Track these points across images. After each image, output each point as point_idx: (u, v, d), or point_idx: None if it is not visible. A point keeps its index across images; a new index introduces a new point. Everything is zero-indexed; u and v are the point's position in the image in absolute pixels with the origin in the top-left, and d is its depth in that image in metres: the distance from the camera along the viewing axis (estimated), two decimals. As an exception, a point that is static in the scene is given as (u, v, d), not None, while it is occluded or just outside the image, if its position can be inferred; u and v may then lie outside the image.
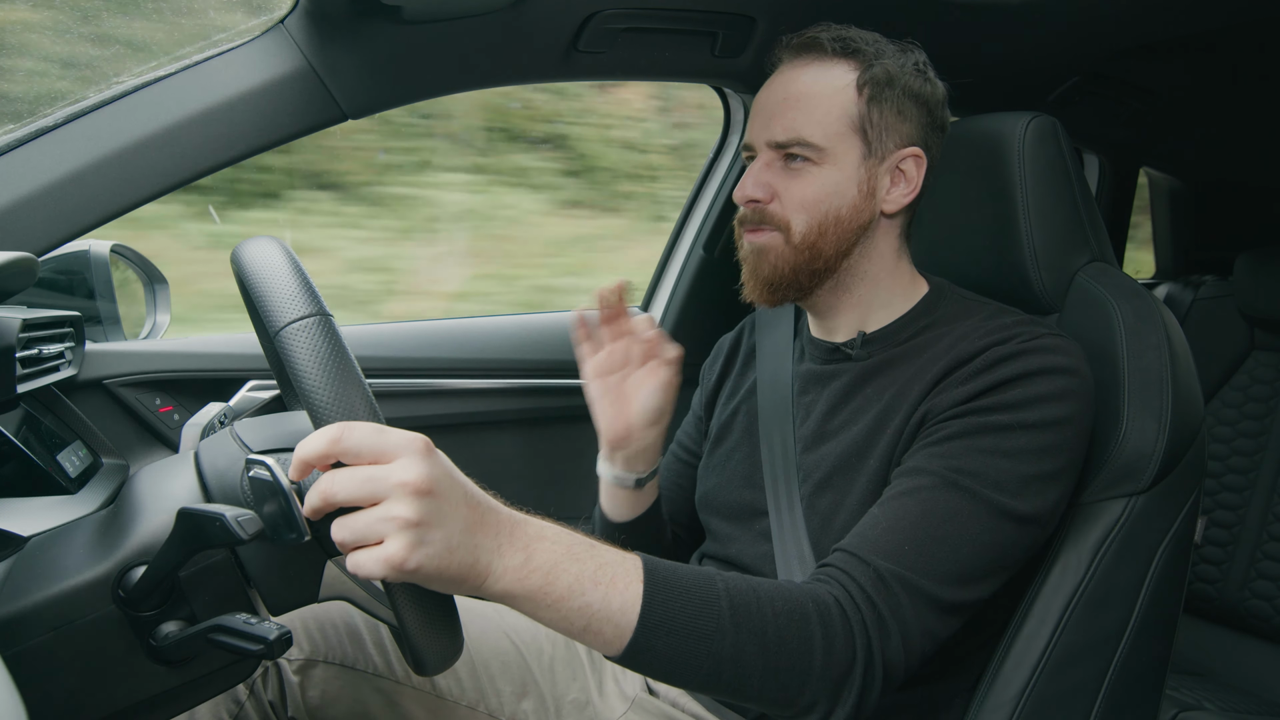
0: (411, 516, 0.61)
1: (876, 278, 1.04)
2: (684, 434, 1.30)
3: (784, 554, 1.01)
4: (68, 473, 1.15)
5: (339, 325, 0.67)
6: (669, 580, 0.75)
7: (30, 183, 0.97)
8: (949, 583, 0.83)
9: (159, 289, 1.54)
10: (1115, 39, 1.35)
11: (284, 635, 0.67)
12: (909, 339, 1.02)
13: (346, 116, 1.12)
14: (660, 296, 1.83)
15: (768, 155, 1.01)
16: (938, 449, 0.88)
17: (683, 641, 0.73)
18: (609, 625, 0.72)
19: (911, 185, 1.01)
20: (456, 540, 0.64)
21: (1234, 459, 1.90)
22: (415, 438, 0.63)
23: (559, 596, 0.69)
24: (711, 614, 0.74)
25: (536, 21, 1.14)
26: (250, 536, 0.62)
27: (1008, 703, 0.94)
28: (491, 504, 0.69)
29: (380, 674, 1.03)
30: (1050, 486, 0.88)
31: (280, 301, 0.65)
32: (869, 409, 0.99)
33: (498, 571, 0.67)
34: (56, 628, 0.69)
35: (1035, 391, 0.88)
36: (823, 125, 0.97)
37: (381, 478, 0.61)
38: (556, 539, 0.71)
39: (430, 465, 0.62)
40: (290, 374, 0.64)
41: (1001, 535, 0.86)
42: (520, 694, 1.07)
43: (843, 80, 0.98)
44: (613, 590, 0.71)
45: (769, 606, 0.77)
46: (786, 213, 0.99)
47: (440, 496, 0.63)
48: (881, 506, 0.88)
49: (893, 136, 0.99)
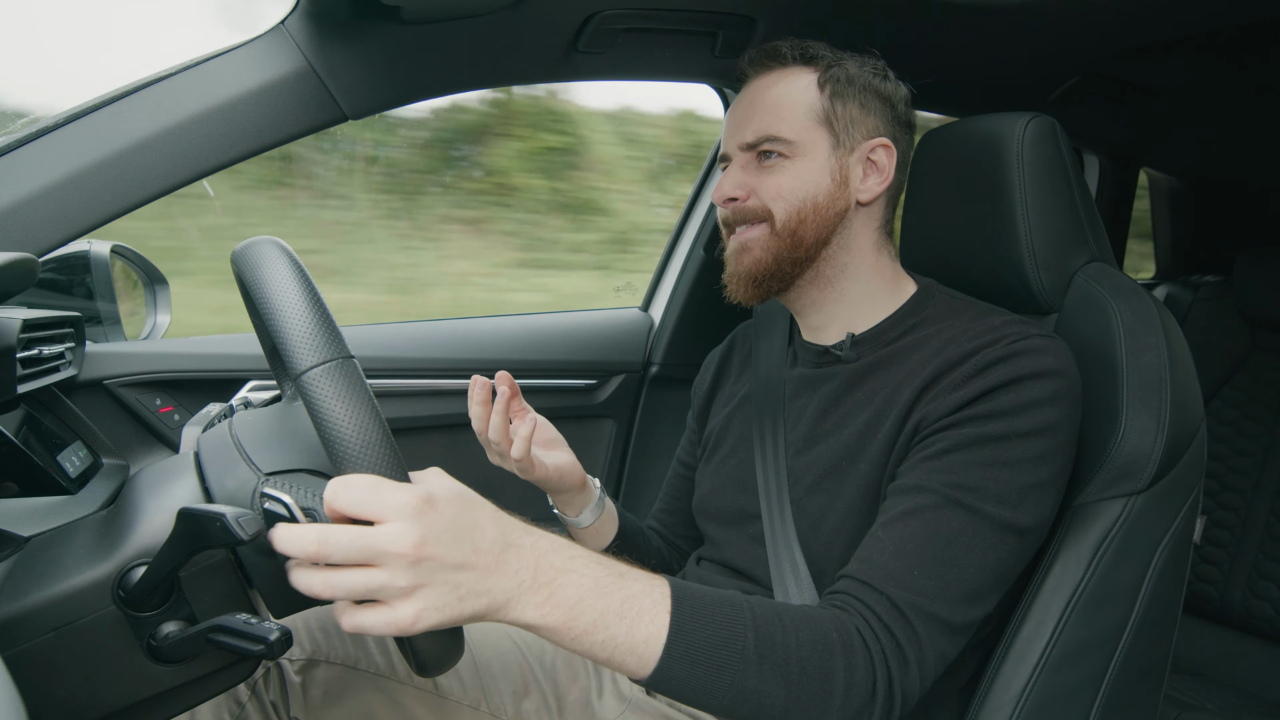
0: (407, 585, 0.62)
1: (858, 271, 1.05)
2: (682, 450, 1.32)
3: (776, 558, 1.01)
4: (68, 473, 1.15)
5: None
6: (696, 610, 0.75)
7: (30, 183, 0.97)
8: (959, 604, 0.84)
9: (159, 289, 1.54)
10: (1115, 39, 1.35)
11: (284, 635, 0.67)
12: (897, 339, 1.02)
13: (346, 117, 1.12)
14: (660, 296, 1.83)
15: (742, 157, 1.04)
16: (936, 464, 0.88)
17: (706, 671, 0.74)
18: (633, 657, 0.72)
19: (884, 175, 1.03)
20: (465, 591, 0.64)
21: (1235, 459, 1.90)
22: (409, 498, 0.63)
23: (583, 630, 0.70)
24: (736, 645, 0.75)
25: (536, 21, 1.14)
26: (250, 537, 0.63)
27: (1008, 703, 0.94)
28: (512, 539, 0.69)
29: (382, 674, 1.03)
30: (1046, 493, 0.90)
31: (302, 342, 0.64)
32: (859, 413, 1.00)
33: (519, 608, 0.68)
34: (57, 628, 0.69)
35: (1028, 397, 0.88)
36: (790, 121, 1.01)
37: (372, 544, 0.61)
38: (584, 571, 0.71)
39: (424, 527, 0.62)
40: (313, 419, 0.63)
41: (1005, 550, 0.87)
42: (522, 694, 1.07)
43: (804, 80, 1.02)
44: (638, 623, 0.72)
45: (793, 637, 0.77)
46: (766, 202, 1.02)
47: (439, 558, 0.63)
48: (886, 528, 0.88)
49: (859, 128, 1.02)
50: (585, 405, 1.75)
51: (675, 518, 1.29)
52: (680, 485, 1.30)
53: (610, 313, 1.83)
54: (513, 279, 3.43)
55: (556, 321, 1.75)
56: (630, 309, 1.86)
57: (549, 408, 1.70)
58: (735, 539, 1.09)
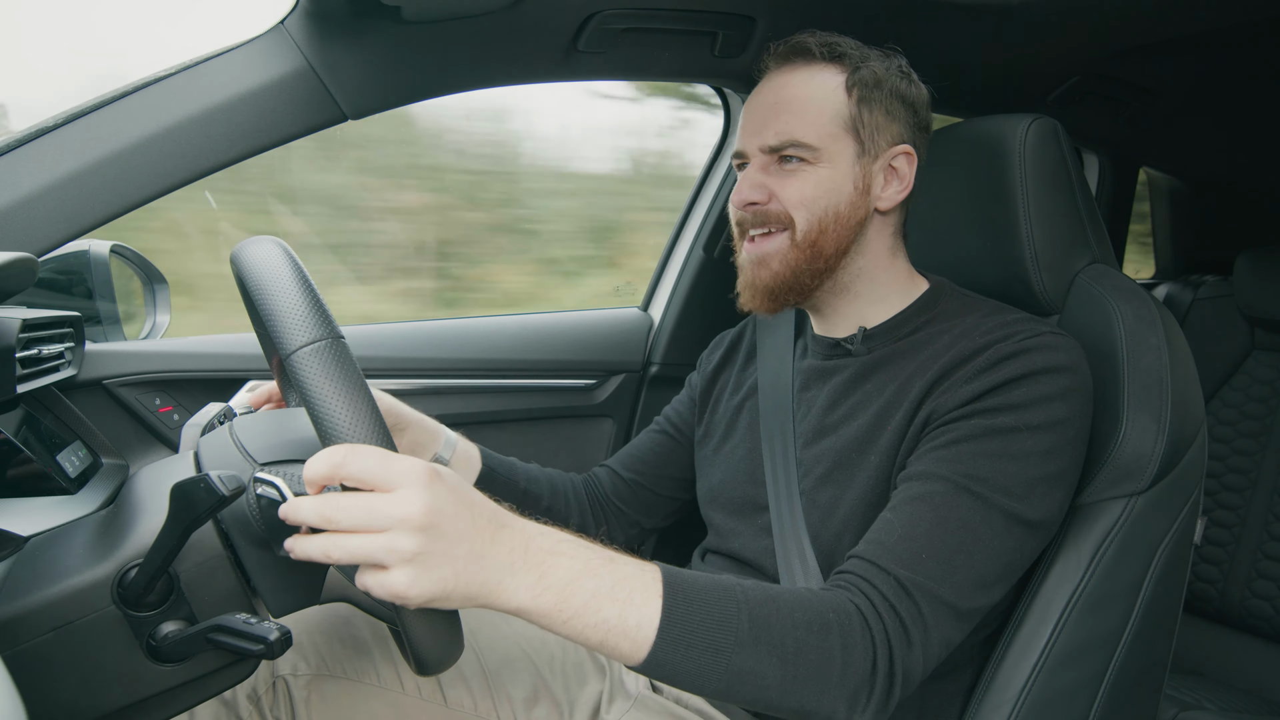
0: (412, 550, 0.62)
1: (873, 274, 1.04)
2: (671, 409, 1.31)
3: (784, 549, 1.01)
4: (68, 473, 1.15)
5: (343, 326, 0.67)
6: (688, 594, 0.75)
7: (30, 183, 0.97)
8: (965, 590, 0.84)
9: (159, 289, 1.54)
10: (1115, 39, 1.35)
11: (284, 635, 0.67)
12: (909, 334, 1.02)
13: (346, 117, 1.12)
14: (660, 296, 1.83)
15: (762, 160, 1.02)
16: (946, 453, 0.88)
17: (701, 655, 0.74)
18: (625, 640, 0.72)
19: (904, 183, 1.02)
20: (462, 565, 0.65)
21: (1235, 459, 1.90)
22: (419, 467, 0.64)
23: (574, 612, 0.70)
24: (730, 628, 0.75)
25: (536, 21, 1.14)
26: (231, 493, 0.63)
27: (1007, 701, 0.94)
28: (504, 520, 0.69)
29: (388, 688, 1.02)
30: (1055, 487, 0.89)
31: (292, 322, 0.64)
32: (870, 404, 0.99)
33: (510, 589, 0.68)
34: (56, 628, 0.69)
35: (1039, 391, 0.89)
36: (816, 126, 0.98)
37: (382, 510, 0.62)
38: (574, 554, 0.71)
39: (432, 496, 0.63)
40: (302, 398, 0.64)
41: (1013, 540, 0.87)
42: (532, 701, 1.06)
43: (832, 82, 1.00)
44: (629, 606, 0.72)
45: (788, 618, 0.77)
46: (788, 209, 1.00)
47: (443, 527, 0.63)
48: (894, 511, 0.88)
49: (884, 136, 1.00)
50: (585, 405, 1.75)
51: (641, 466, 1.27)
52: (655, 439, 1.28)
53: (610, 312, 1.83)
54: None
55: (556, 321, 1.75)
56: (630, 309, 1.85)
57: (549, 407, 1.71)
58: (744, 529, 1.09)
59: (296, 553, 0.65)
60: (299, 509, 0.63)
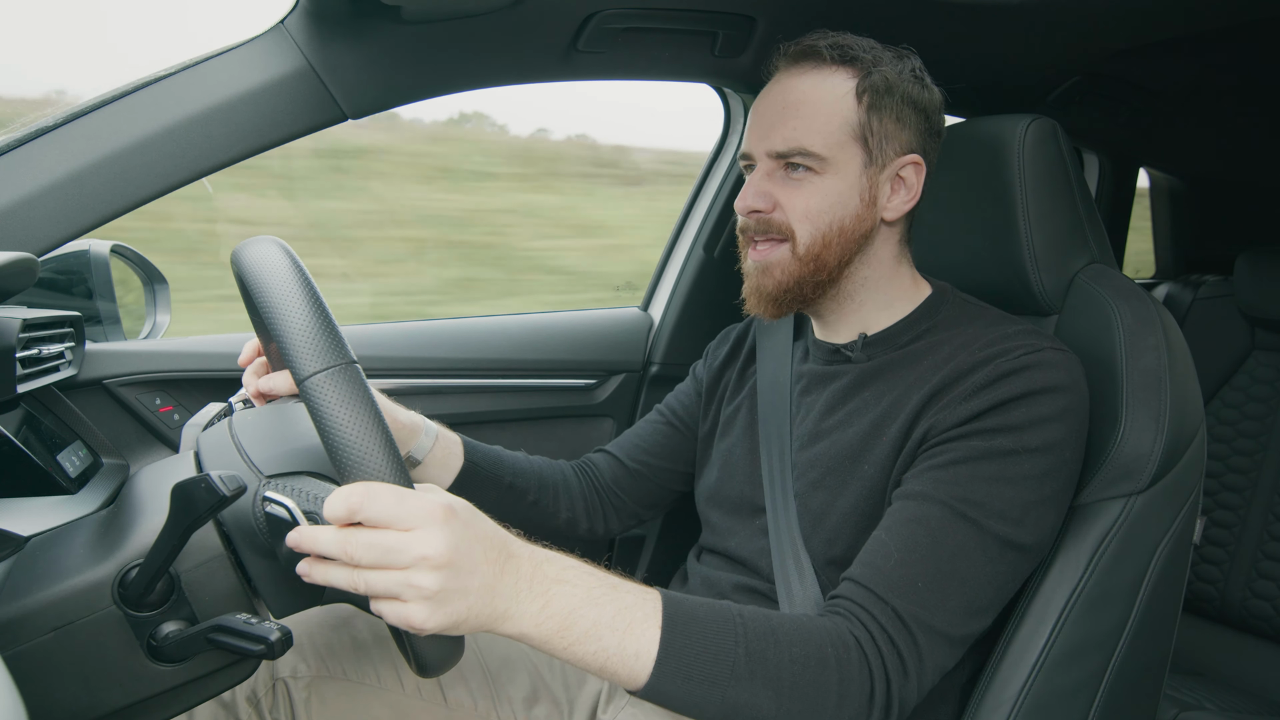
0: (432, 589, 0.63)
1: (876, 283, 1.04)
2: (675, 399, 1.30)
3: (779, 549, 1.01)
4: (68, 473, 1.15)
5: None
6: (687, 625, 0.76)
7: (30, 183, 0.97)
8: (959, 618, 0.85)
9: (159, 289, 1.54)
10: (1115, 39, 1.35)
11: (284, 635, 0.67)
12: (909, 343, 1.02)
13: (346, 116, 1.12)
14: (660, 296, 1.83)
15: (768, 165, 1.00)
16: (942, 474, 0.88)
17: (697, 687, 0.75)
18: (624, 669, 0.73)
19: (911, 193, 1.01)
20: (475, 598, 0.66)
21: (1235, 459, 1.90)
22: (435, 505, 0.65)
23: (574, 640, 0.71)
24: (727, 660, 0.76)
25: (536, 21, 1.14)
26: (231, 494, 0.64)
27: (1006, 701, 0.94)
28: (512, 549, 0.70)
29: (388, 689, 1.03)
30: (1049, 510, 0.90)
31: (305, 347, 0.64)
32: (866, 412, 0.99)
33: (516, 617, 0.69)
34: (57, 628, 0.69)
35: (1038, 412, 0.88)
36: (824, 134, 0.96)
37: (402, 549, 0.63)
38: (576, 582, 0.72)
39: (449, 534, 0.64)
40: (316, 425, 0.64)
41: (1005, 565, 0.87)
42: (532, 700, 1.07)
43: (842, 88, 0.97)
44: (629, 636, 0.73)
45: (786, 652, 0.78)
46: (791, 221, 0.99)
47: (459, 564, 0.65)
48: (889, 533, 0.88)
49: (893, 144, 0.98)
50: (585, 405, 1.75)
51: (646, 456, 1.26)
52: (655, 428, 1.27)
53: (610, 312, 1.83)
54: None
55: (556, 320, 1.75)
56: (630, 308, 1.85)
57: (548, 407, 1.71)
58: (740, 529, 1.09)
59: (315, 579, 0.66)
60: (317, 541, 0.64)
